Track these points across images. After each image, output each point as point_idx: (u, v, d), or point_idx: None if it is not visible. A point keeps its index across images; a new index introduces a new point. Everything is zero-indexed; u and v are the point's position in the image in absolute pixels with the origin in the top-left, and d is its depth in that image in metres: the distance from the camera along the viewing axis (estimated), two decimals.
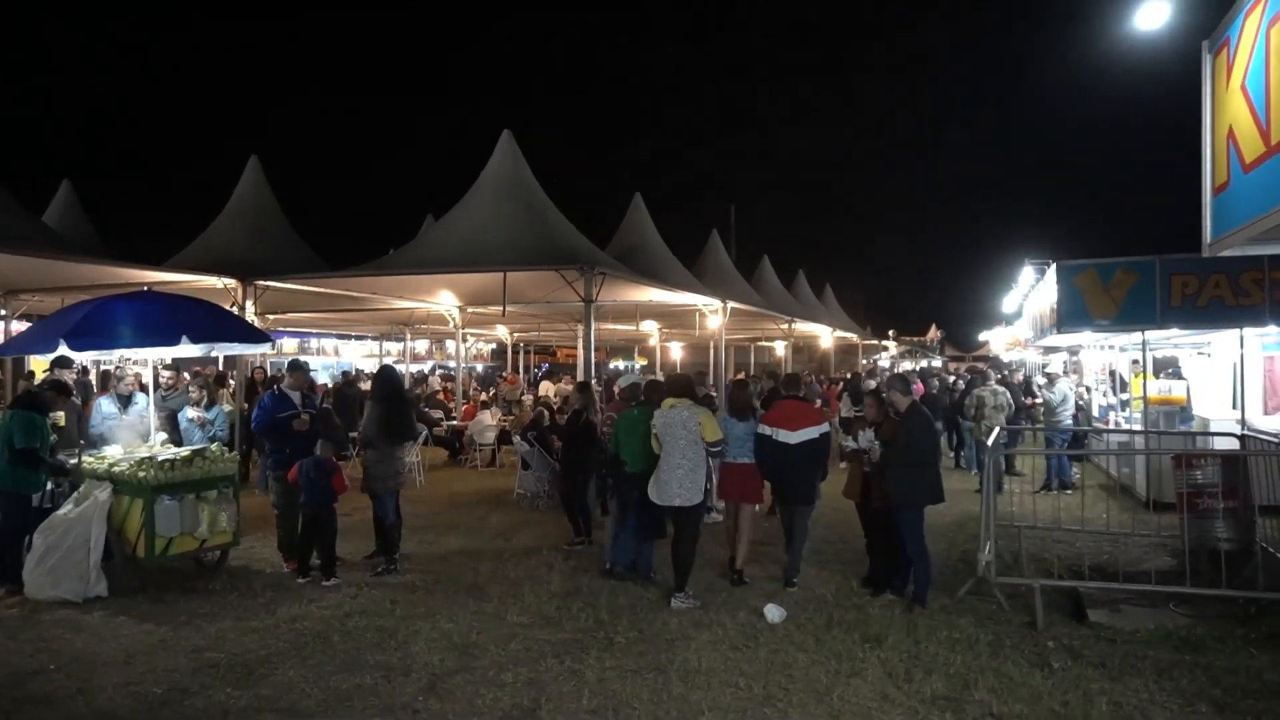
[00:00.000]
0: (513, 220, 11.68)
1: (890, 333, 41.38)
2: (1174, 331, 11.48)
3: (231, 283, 11.15)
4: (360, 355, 30.34)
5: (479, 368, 32.25)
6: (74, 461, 6.95)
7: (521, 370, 28.44)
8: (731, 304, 14.28)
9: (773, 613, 6.06)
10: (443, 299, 15.21)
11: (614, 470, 7.25)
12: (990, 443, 7.16)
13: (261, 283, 11.40)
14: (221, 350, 7.88)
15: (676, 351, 28.85)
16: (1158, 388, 10.96)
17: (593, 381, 10.33)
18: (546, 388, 17.68)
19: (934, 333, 46.35)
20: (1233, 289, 8.96)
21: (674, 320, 18.87)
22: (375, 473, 7.20)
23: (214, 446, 7.28)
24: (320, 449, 7.09)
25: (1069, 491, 11.02)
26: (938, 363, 37.85)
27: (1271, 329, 9.90)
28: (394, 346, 29.82)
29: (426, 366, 32.99)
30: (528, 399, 16.90)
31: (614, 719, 4.43)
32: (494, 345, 34.60)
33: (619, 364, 37.15)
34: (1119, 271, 9.50)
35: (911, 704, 4.53)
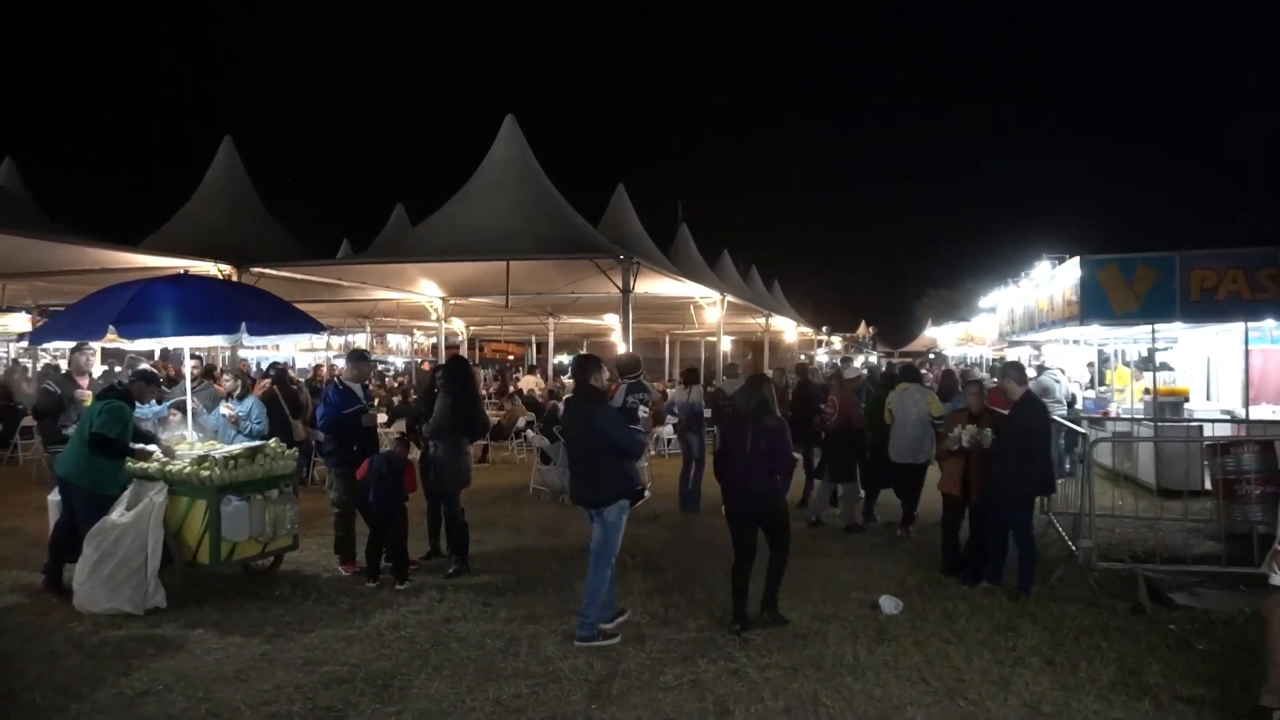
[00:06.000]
0: (523, 208, 11.31)
1: (824, 329, 42.16)
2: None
3: (226, 268, 10.43)
4: (297, 349, 28.97)
5: (419, 361, 31.22)
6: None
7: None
8: (729, 298, 14.22)
9: (888, 604, 6.00)
10: (424, 288, 14.66)
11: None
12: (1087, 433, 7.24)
13: (257, 269, 10.71)
14: (270, 339, 7.31)
15: (620, 346, 28.78)
16: (1165, 379, 11.43)
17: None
18: (530, 382, 17.24)
19: (864, 329, 47.57)
20: (1250, 284, 9.39)
21: (651, 314, 18.72)
22: (447, 469, 6.79)
23: (272, 442, 6.74)
24: (394, 444, 6.67)
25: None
26: (873, 358, 38.77)
27: (1269, 323, 10.47)
28: (336, 340, 28.73)
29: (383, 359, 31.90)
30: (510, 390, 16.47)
31: (814, 718, 4.28)
32: (434, 339, 33.69)
33: (563, 358, 36.67)
34: (1140, 266, 9.83)
35: (1099, 691, 4.53)
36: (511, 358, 38.10)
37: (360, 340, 30.84)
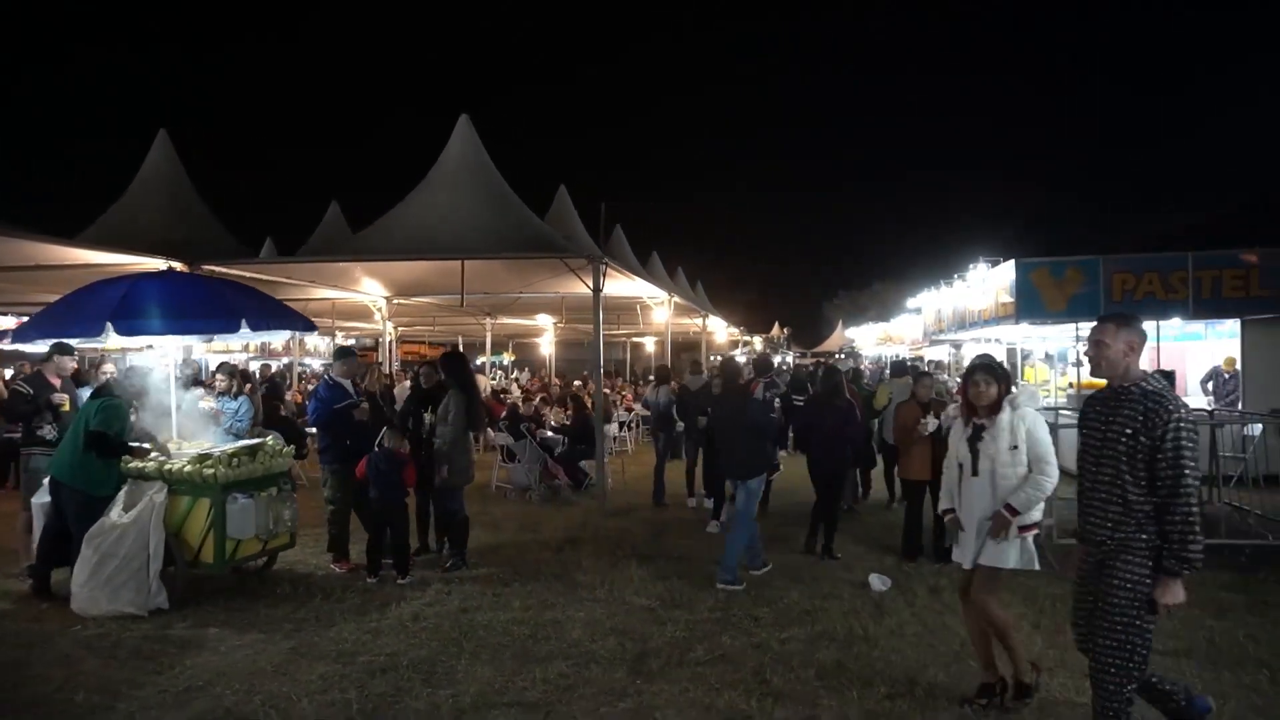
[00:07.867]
0: (482, 207, 11.32)
1: (740, 329, 43.09)
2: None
3: (179, 266, 10.09)
4: (208, 351, 27.79)
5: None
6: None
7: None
8: (675, 299, 14.54)
9: (876, 581, 6.43)
10: (367, 288, 14.45)
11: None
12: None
13: (209, 266, 10.40)
14: (263, 337, 7.22)
15: (547, 347, 28.97)
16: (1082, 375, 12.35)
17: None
18: (480, 382, 17.11)
19: (778, 330, 48.88)
20: (1163, 285, 10.35)
21: (584, 315, 18.88)
22: (454, 465, 6.84)
23: (270, 440, 6.68)
24: (389, 439, 6.69)
25: None
26: (790, 358, 39.96)
27: (1175, 322, 11.49)
28: (255, 343, 27.75)
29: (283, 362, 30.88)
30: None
31: (847, 681, 4.61)
32: (353, 340, 32.97)
33: (490, 359, 36.42)
34: (1069, 269, 10.71)
35: None
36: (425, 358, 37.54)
37: (278, 341, 29.89)
